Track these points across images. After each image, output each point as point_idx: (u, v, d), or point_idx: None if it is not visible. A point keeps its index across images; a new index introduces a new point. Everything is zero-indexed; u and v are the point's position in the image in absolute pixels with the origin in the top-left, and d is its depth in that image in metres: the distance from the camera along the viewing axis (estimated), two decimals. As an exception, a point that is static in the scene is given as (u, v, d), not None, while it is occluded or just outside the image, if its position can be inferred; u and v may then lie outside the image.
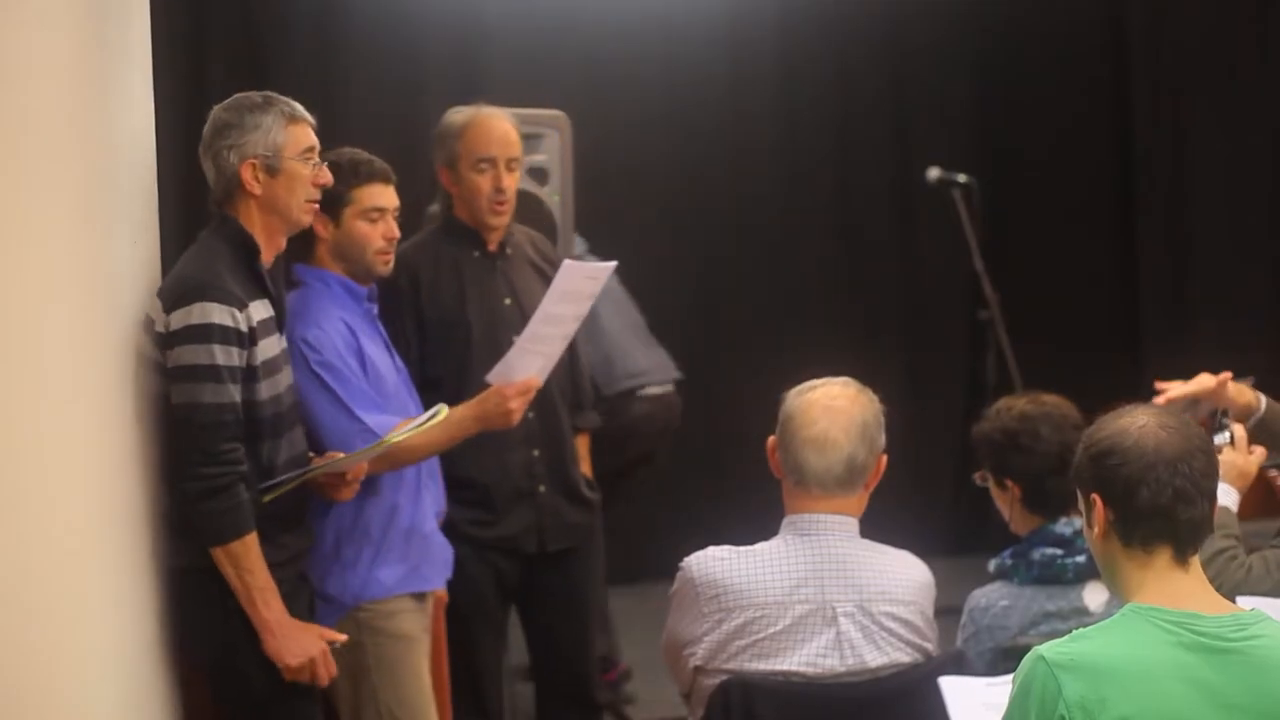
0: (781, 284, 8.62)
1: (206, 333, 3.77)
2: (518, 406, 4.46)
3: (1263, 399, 4.39)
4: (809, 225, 8.69)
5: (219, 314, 3.79)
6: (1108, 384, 6.09)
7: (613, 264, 4.53)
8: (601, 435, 5.32)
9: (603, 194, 7.01)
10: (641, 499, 6.93)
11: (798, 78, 8.63)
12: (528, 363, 4.47)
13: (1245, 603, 3.61)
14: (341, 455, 4.08)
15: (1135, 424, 2.92)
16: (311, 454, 4.10)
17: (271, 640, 3.86)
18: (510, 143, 4.83)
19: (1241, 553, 3.94)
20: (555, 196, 5.54)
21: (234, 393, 3.82)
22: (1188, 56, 9.29)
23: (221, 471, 3.79)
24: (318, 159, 4.02)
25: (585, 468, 5.08)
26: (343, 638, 4.06)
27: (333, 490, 4.13)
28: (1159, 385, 4.32)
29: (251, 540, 3.82)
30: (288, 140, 3.96)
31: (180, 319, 3.78)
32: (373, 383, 4.30)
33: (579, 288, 4.42)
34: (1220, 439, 4.18)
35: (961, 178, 7.53)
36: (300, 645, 3.90)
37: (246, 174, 3.93)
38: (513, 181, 4.82)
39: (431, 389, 4.54)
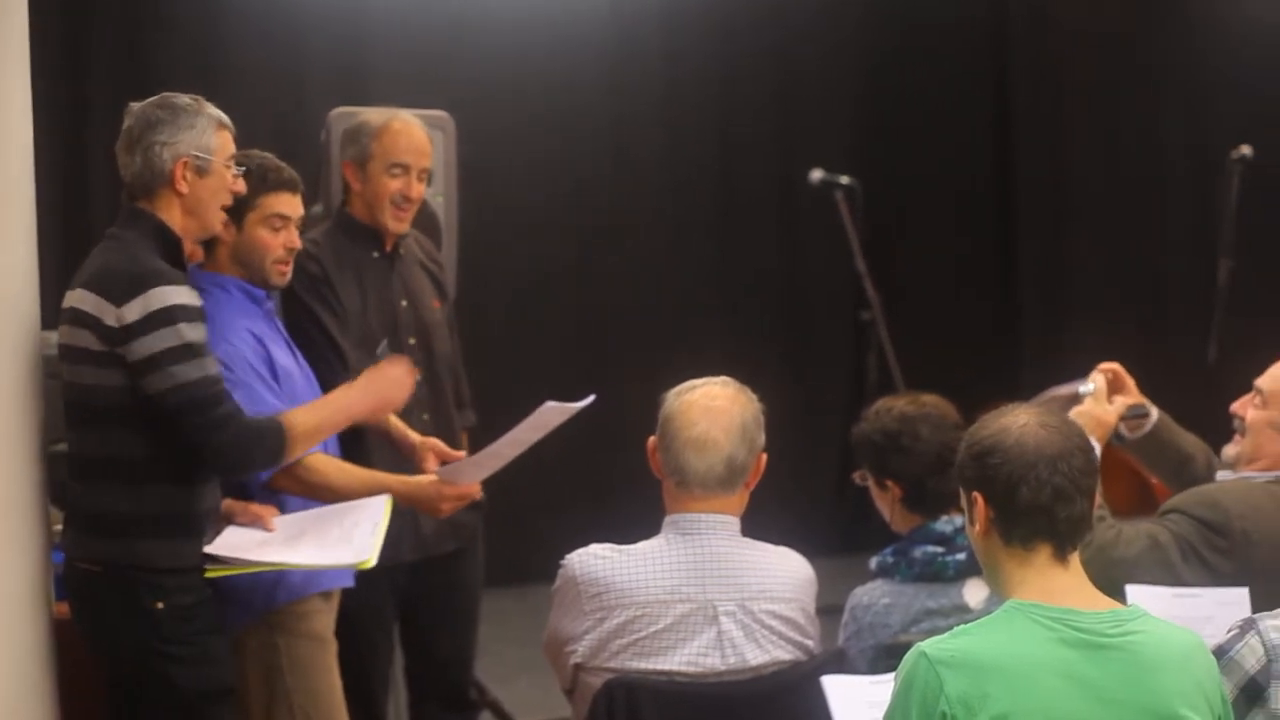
0: (664, 284, 8.63)
1: (170, 315, 3.79)
2: (449, 509, 4.47)
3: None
4: (692, 226, 8.72)
5: (176, 295, 3.81)
6: (987, 384, 6.18)
7: (590, 399, 4.47)
8: None
9: (487, 195, 6.99)
10: (523, 499, 6.93)
11: (681, 80, 8.65)
12: (475, 473, 4.47)
13: (1132, 590, 3.69)
14: (299, 563, 4.04)
15: (1016, 423, 2.95)
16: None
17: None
18: (426, 153, 4.87)
19: (1109, 515, 4.02)
20: (439, 198, 5.53)
21: (212, 365, 3.87)
22: (1067, 59, 9.41)
23: (236, 414, 3.87)
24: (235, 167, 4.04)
25: None
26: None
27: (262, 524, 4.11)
28: (1104, 367, 4.39)
29: (298, 426, 3.98)
30: (218, 144, 3.99)
31: (138, 309, 3.78)
32: (284, 388, 4.27)
33: (550, 421, 4.40)
34: (1084, 389, 4.25)
35: (844, 179, 7.57)
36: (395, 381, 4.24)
37: (178, 171, 3.92)
38: (421, 191, 4.83)
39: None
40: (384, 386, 4.33)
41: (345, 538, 4.05)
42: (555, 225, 8.39)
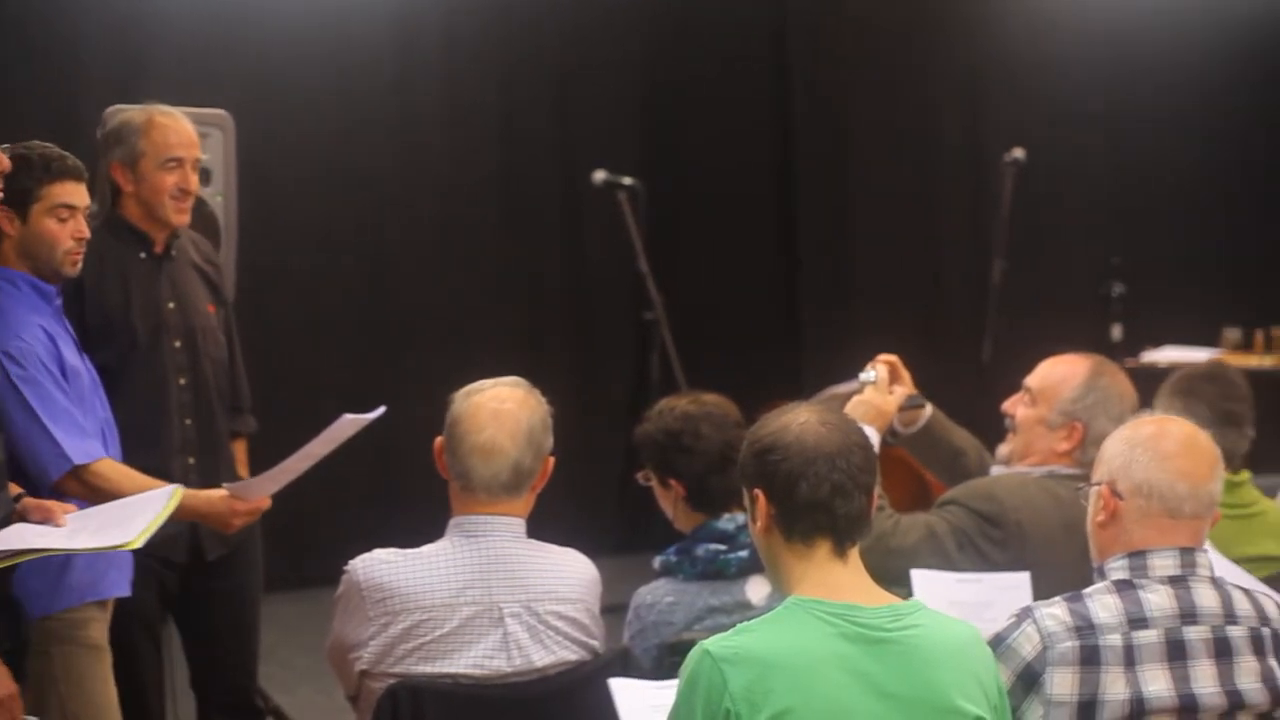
0: (448, 284, 8.61)
1: None
2: (240, 524, 4.43)
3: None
4: (475, 225, 8.71)
5: None
6: (768, 382, 6.25)
7: (381, 410, 4.41)
8: None
9: (267, 194, 6.91)
10: (304, 503, 6.86)
11: (464, 81, 8.64)
12: (266, 487, 4.41)
13: (917, 574, 3.75)
14: (66, 548, 3.91)
15: (796, 421, 2.98)
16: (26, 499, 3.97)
17: None
18: (195, 144, 4.79)
19: (888, 505, 4.09)
20: (218, 197, 5.46)
21: None
22: (847, 60, 9.55)
23: None
24: None
25: (244, 473, 5.00)
26: None
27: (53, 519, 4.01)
28: (884, 358, 4.45)
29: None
30: None
31: None
32: (73, 386, 4.19)
33: (344, 433, 4.36)
34: (865, 377, 4.32)
35: (626, 180, 7.61)
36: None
37: None
38: (196, 182, 4.77)
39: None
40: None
41: (120, 526, 3.98)
42: (338, 226, 8.33)
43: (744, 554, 3.89)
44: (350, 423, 4.29)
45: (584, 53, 8.95)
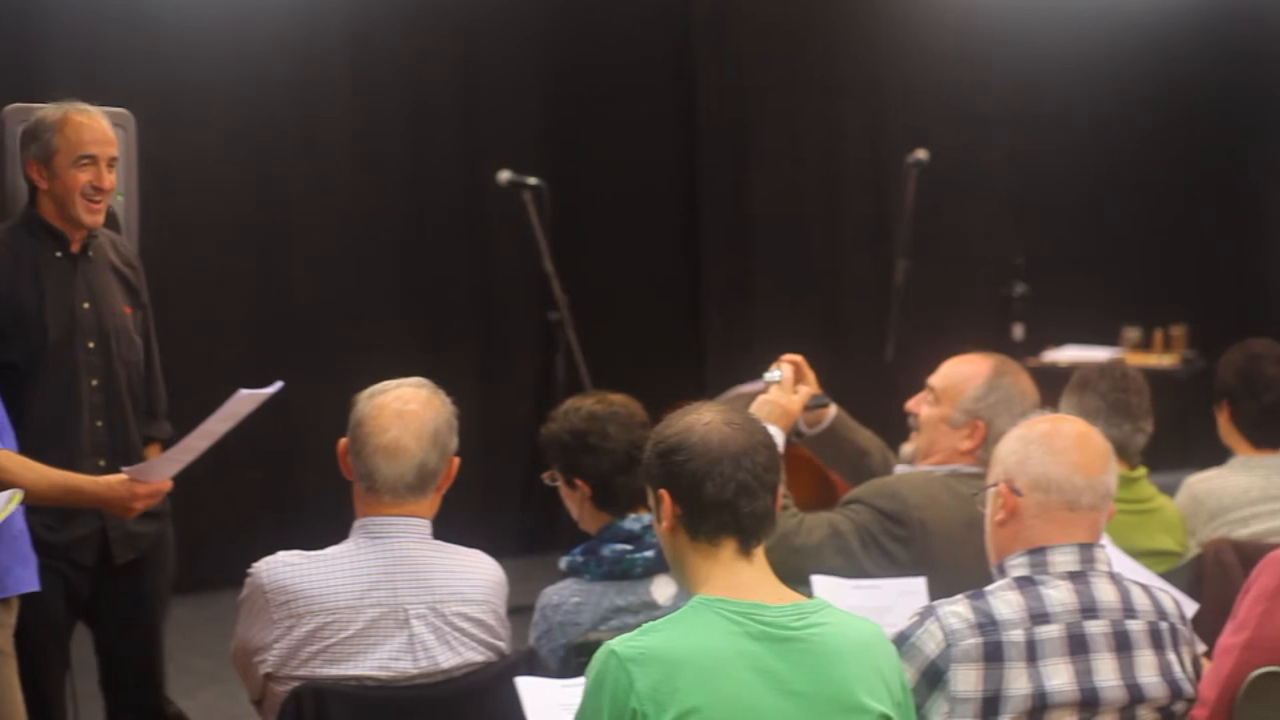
0: (352, 284, 8.57)
1: None
2: (141, 507, 4.42)
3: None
4: (379, 226, 8.67)
5: None
6: (674, 382, 6.25)
7: (279, 385, 4.39)
8: None
9: (169, 194, 6.86)
10: (206, 505, 6.81)
11: (368, 81, 8.60)
12: (166, 469, 4.39)
13: (816, 580, 3.77)
14: None
15: (701, 421, 2.99)
16: None
17: None
18: (111, 141, 4.75)
19: (793, 504, 4.11)
20: (119, 196, 5.39)
21: None
22: (751, 60, 9.59)
23: None
24: None
25: None
26: None
27: None
28: (788, 358, 4.46)
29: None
30: None
31: None
32: None
33: (243, 409, 4.33)
34: (770, 377, 4.34)
35: (531, 180, 7.60)
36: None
37: None
38: (112, 181, 4.73)
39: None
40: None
41: None
42: (241, 226, 8.27)
43: (650, 554, 3.90)
44: (247, 398, 4.28)
45: (488, 53, 8.93)
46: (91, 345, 4.66)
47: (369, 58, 8.59)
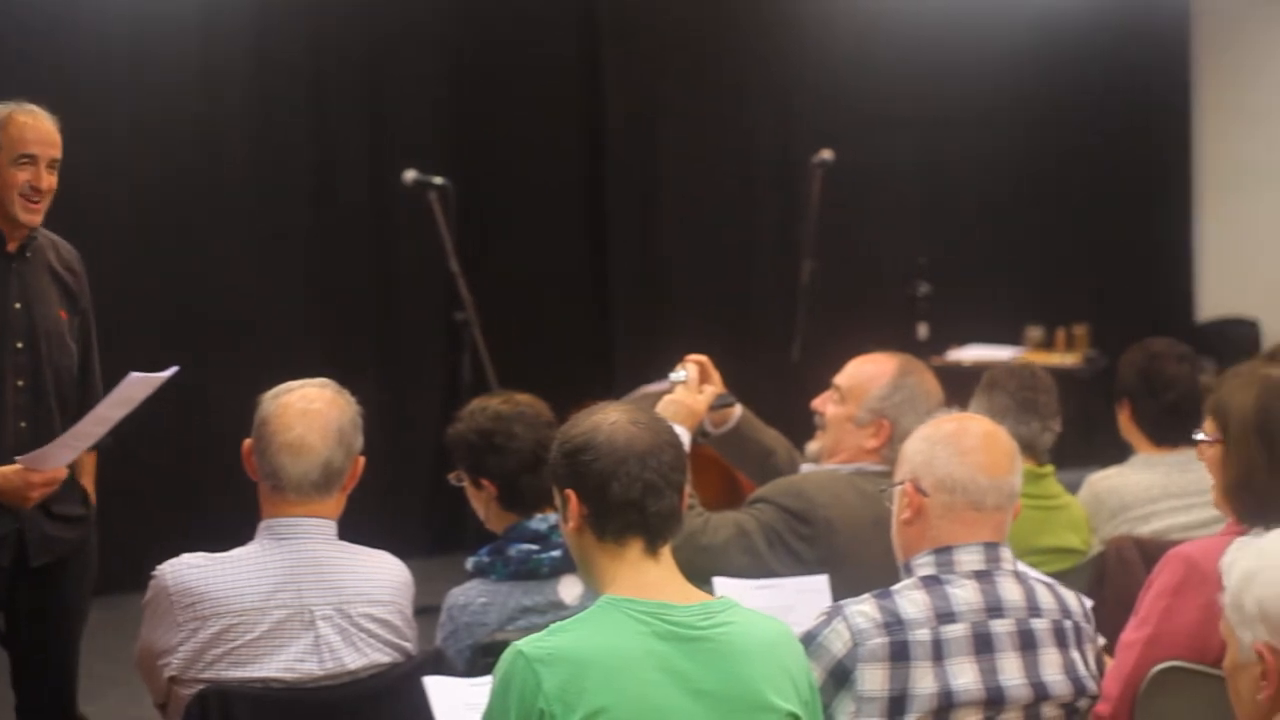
0: (257, 285, 8.51)
1: None
2: (38, 495, 4.40)
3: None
4: (285, 227, 8.62)
5: None
6: (580, 382, 6.25)
7: (174, 369, 4.40)
8: None
9: (71, 194, 6.76)
10: (109, 507, 6.73)
11: (273, 81, 8.54)
12: (63, 455, 4.37)
13: (718, 582, 3.78)
14: None
15: (607, 421, 2.99)
16: None
17: None
18: (55, 143, 4.74)
19: (699, 504, 4.11)
20: (22, 197, 5.35)
21: None
22: (658, 60, 9.62)
23: None
24: None
25: (87, 482, 4.90)
26: None
27: None
28: (693, 358, 4.46)
29: None
30: None
31: None
32: None
33: (135, 394, 4.29)
34: (675, 377, 4.35)
35: (437, 180, 7.57)
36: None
37: None
38: (52, 182, 4.69)
39: None
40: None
41: None
42: (143, 226, 8.19)
43: (557, 554, 3.90)
44: (139, 382, 4.26)
45: (395, 52, 8.90)
46: (20, 346, 4.62)
47: (273, 56, 8.53)
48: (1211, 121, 11.38)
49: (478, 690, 3.20)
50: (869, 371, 4.43)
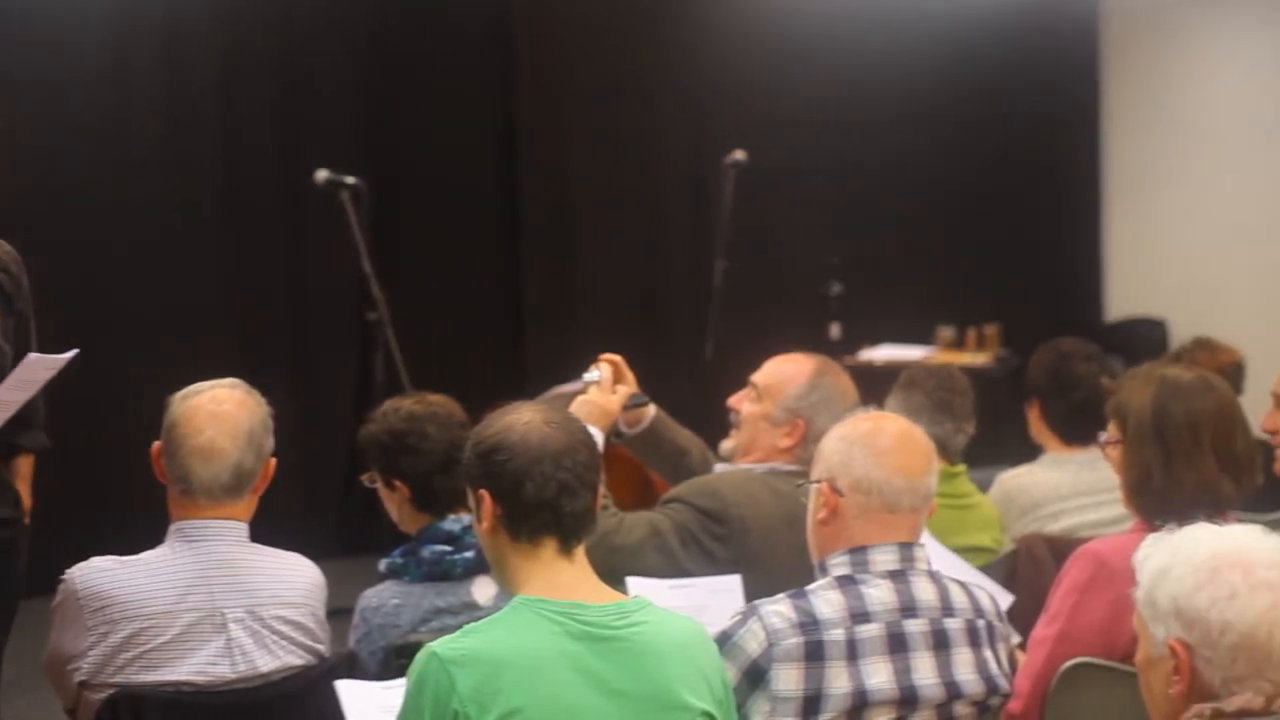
0: (166, 286, 8.43)
1: None
2: None
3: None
4: (194, 227, 8.54)
5: None
6: (493, 383, 6.23)
7: (74, 352, 4.33)
8: None
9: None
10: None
11: (183, 76, 8.47)
12: None
13: (631, 582, 3.78)
14: None
15: (520, 421, 2.99)
16: None
17: None
18: None
19: (612, 504, 4.12)
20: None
21: None
22: (570, 60, 9.60)
23: None
24: None
25: (22, 485, 4.83)
26: None
27: None
28: (606, 357, 4.45)
29: None
30: None
31: None
32: None
33: (37, 376, 4.23)
34: (589, 377, 4.35)
35: (349, 179, 7.53)
36: None
37: None
38: None
39: None
40: None
41: None
42: (51, 227, 8.08)
43: (470, 555, 3.89)
44: (38, 363, 4.21)
45: (306, 51, 8.85)
46: None
47: (183, 54, 8.45)
48: (1120, 123, 11.48)
49: (391, 693, 3.19)
50: (787, 371, 4.45)
